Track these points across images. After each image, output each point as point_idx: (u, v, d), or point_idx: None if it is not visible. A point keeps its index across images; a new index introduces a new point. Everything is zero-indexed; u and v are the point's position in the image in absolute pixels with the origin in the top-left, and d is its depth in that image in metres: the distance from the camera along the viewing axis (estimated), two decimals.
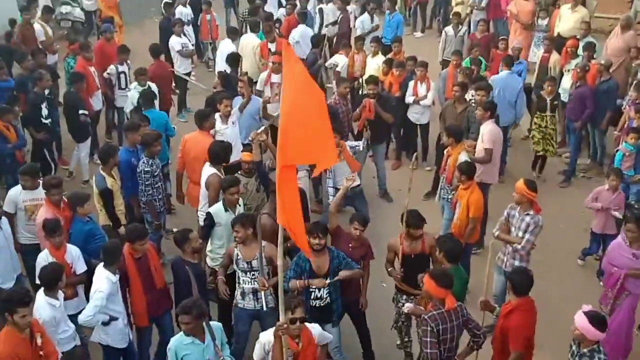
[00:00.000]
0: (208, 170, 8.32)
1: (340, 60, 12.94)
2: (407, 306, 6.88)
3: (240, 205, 7.77)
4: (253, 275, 6.95)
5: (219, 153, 8.35)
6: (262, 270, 6.87)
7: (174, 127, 10.81)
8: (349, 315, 7.37)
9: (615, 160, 9.34)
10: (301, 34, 13.99)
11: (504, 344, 6.21)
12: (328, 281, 6.72)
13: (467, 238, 8.17)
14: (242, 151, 8.83)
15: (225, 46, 13.25)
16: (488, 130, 9.25)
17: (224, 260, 7.30)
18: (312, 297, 6.78)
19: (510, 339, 6.10)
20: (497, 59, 12.58)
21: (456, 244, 6.91)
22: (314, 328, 5.95)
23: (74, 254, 7.14)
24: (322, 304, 6.81)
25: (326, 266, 6.77)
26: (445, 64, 13.12)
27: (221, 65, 12.66)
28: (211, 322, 6.17)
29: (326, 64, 13.31)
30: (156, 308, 7.12)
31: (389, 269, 7.37)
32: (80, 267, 7.17)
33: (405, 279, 7.27)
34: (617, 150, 9.57)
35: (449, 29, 13.97)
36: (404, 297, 7.34)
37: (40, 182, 7.95)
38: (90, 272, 6.99)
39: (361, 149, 9.59)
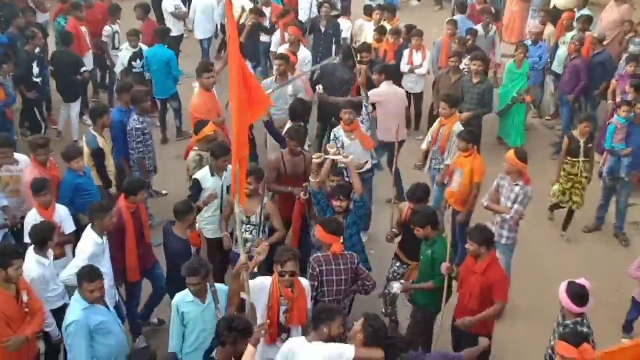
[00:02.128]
0: None
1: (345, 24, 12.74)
2: (396, 287, 6.98)
3: (226, 170, 7.70)
4: (248, 227, 7.17)
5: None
6: (260, 226, 7.04)
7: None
8: None
9: (607, 132, 9.33)
10: None
11: (482, 300, 6.34)
12: None
13: (470, 205, 8.24)
14: None
15: None
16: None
17: (225, 212, 7.56)
18: None
19: (495, 291, 6.28)
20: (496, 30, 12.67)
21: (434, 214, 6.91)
22: (304, 280, 6.12)
23: (62, 214, 7.14)
24: None
25: None
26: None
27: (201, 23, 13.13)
28: (217, 285, 6.20)
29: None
30: (146, 262, 7.25)
31: (389, 231, 7.53)
32: (69, 227, 7.18)
33: (403, 247, 7.36)
34: (608, 123, 9.56)
35: (478, 28, 12.32)
36: (397, 263, 7.42)
37: (15, 154, 7.86)
38: (77, 228, 7.00)
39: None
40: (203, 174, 7.68)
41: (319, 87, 9.74)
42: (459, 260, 7.44)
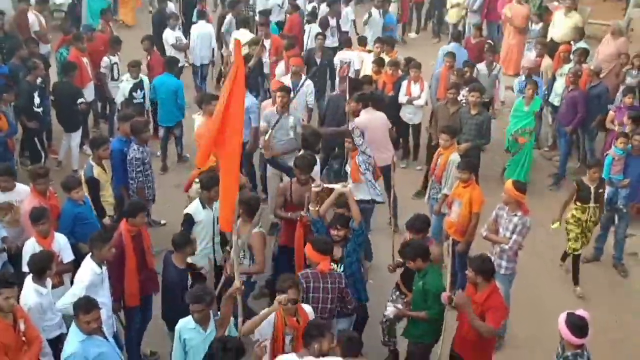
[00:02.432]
0: None
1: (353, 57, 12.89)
2: (390, 311, 7.03)
3: (217, 201, 7.60)
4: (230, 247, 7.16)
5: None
6: (237, 252, 6.80)
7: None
8: None
9: (604, 164, 9.38)
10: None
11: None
12: None
13: (469, 235, 8.26)
14: None
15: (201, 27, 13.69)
16: None
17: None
18: None
19: (490, 317, 6.22)
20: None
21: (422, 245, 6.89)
22: (307, 307, 6.15)
23: (61, 243, 7.14)
24: None
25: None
26: None
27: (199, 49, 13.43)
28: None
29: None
30: (148, 288, 7.25)
31: (394, 262, 7.55)
32: (67, 256, 7.18)
33: (404, 278, 7.33)
34: (606, 154, 9.62)
35: (482, 67, 12.22)
36: (397, 292, 7.40)
37: (16, 183, 7.90)
38: (77, 257, 7.01)
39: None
40: (194, 208, 7.66)
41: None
42: (458, 288, 7.41)
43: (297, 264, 7.46)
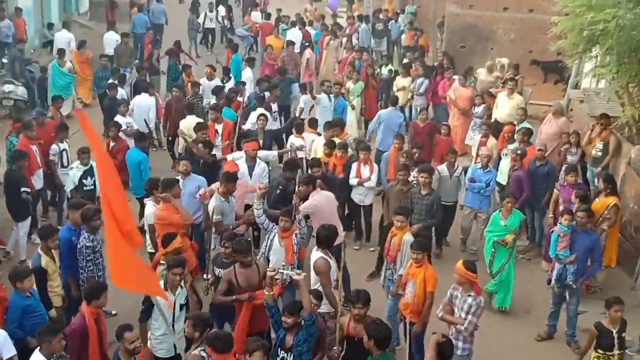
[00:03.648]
0: None
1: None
2: None
3: (182, 288, 7.70)
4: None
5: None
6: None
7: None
8: None
9: (550, 241, 9.58)
10: None
11: None
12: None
13: (425, 316, 8.24)
14: None
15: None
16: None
17: None
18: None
19: None
20: (441, 144, 13.16)
21: (386, 331, 6.80)
22: None
23: (0, 339, 6.88)
24: None
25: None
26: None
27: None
28: None
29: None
30: None
31: (333, 348, 7.30)
32: (7, 352, 6.91)
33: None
34: (551, 232, 9.84)
35: (443, 168, 11.77)
36: None
37: None
38: (26, 350, 6.80)
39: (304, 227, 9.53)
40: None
41: None
42: None
43: (237, 344, 7.21)
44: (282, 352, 6.96)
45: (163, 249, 8.38)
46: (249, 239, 8.71)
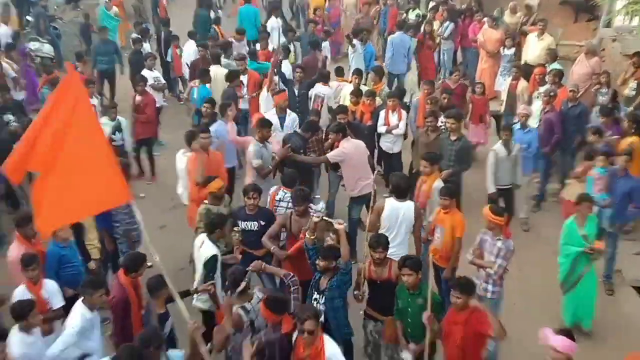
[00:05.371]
0: None
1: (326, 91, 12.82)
2: (405, 356, 6.93)
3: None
4: None
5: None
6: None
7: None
8: None
9: (586, 185, 9.42)
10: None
11: (466, 351, 6.41)
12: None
13: (453, 261, 8.24)
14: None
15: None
16: None
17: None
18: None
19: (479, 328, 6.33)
20: (477, 104, 12.71)
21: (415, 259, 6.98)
22: (330, 343, 6.07)
23: (50, 289, 7.07)
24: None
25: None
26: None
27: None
28: (173, 351, 6.26)
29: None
30: None
31: (355, 292, 7.43)
32: (57, 302, 7.09)
33: (372, 304, 7.33)
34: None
35: (500, 148, 10.36)
36: (372, 322, 7.38)
37: None
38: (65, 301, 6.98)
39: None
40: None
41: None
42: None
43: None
44: (316, 293, 7.06)
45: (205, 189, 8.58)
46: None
